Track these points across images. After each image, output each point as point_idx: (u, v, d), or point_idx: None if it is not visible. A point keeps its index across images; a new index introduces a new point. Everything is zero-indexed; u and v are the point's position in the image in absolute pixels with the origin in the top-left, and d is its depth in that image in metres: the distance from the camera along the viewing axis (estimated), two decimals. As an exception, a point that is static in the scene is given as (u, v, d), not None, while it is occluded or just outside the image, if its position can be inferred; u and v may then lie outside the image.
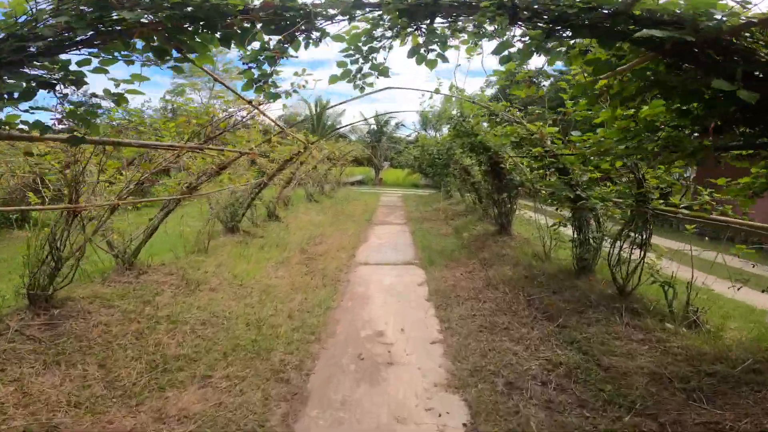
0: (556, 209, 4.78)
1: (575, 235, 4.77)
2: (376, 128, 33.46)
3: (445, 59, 2.21)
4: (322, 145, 9.84)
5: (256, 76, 2.10)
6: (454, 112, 6.61)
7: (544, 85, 4.59)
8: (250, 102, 3.31)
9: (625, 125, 2.42)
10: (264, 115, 3.60)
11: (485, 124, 5.96)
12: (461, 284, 5.64)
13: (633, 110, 2.44)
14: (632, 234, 3.82)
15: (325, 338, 4.27)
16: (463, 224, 9.51)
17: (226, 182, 6.80)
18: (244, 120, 3.66)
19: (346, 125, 28.76)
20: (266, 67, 2.07)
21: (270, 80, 2.11)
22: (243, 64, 2.06)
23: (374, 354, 3.96)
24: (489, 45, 4.72)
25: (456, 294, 5.31)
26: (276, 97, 2.26)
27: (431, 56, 2.21)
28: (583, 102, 3.35)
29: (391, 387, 3.40)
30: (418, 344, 4.14)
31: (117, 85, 2.40)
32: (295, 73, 4.00)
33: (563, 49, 2.21)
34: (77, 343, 3.71)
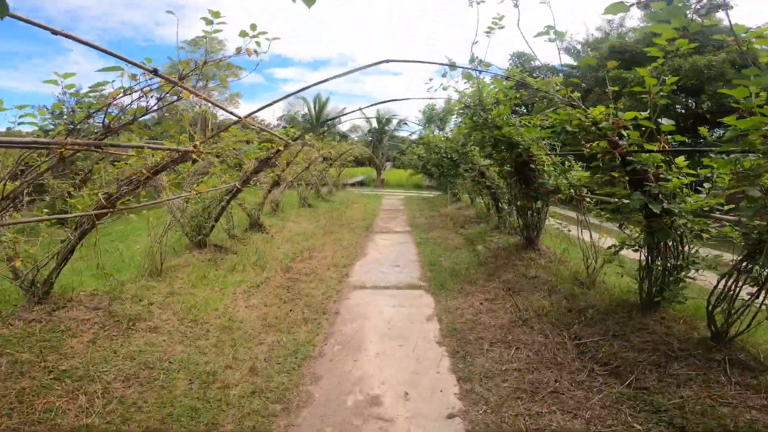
0: (620, 226, 3.52)
1: (646, 261, 3.51)
2: (377, 126, 32.27)
3: None
4: (314, 144, 8.64)
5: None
6: (468, 100, 5.35)
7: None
8: (154, 72, 2.10)
9: None
10: (190, 92, 2.40)
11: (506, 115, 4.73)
12: (482, 319, 4.39)
13: None
14: (757, 267, 2.57)
15: (296, 408, 3.06)
16: (476, 234, 8.25)
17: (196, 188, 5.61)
18: (162, 104, 2.46)
19: (337, 116, 27.46)
20: None
21: None
22: None
23: (365, 439, 2.74)
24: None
25: (477, 335, 4.07)
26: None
27: None
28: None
29: None
30: (428, 421, 2.93)
31: None
32: (242, 33, 2.80)
33: None
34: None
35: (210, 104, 3.00)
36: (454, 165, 9.26)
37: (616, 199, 3.26)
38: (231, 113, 3.20)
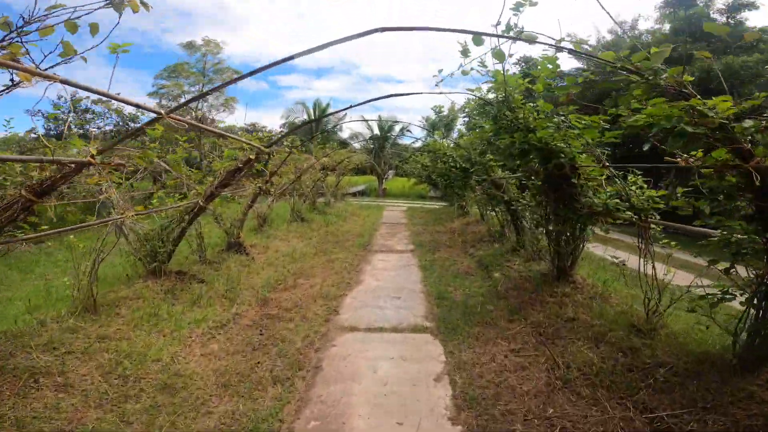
0: (727, 271, 2.55)
1: (756, 313, 2.55)
2: (379, 134, 31.53)
3: None
4: (297, 151, 7.74)
5: None
6: (491, 95, 4.44)
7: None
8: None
9: None
10: (29, 73, 1.48)
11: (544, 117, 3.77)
12: (509, 380, 3.41)
13: None
14: None
15: None
16: (491, 257, 7.28)
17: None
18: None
19: (327, 115, 26.53)
20: None
21: None
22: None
23: None
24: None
25: (504, 406, 3.09)
26: None
27: None
28: None
29: None
30: None
31: None
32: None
33: None
34: None
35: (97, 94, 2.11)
36: (464, 176, 8.34)
37: (724, 234, 2.32)
38: (137, 105, 2.32)
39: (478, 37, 2.44)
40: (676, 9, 21.15)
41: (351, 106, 4.23)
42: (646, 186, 3.40)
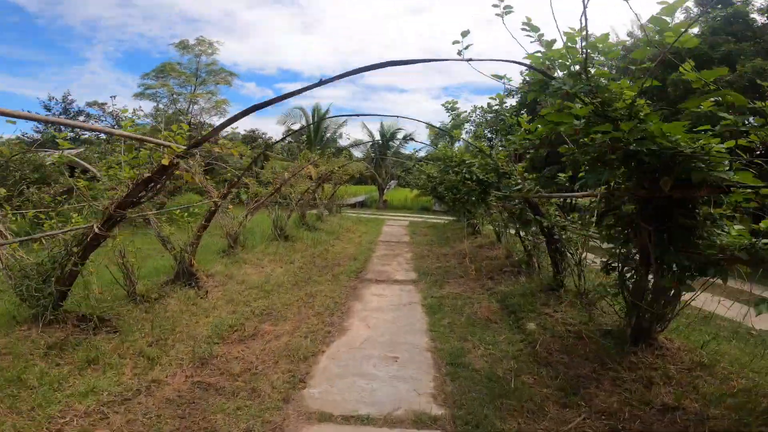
0: None
1: None
2: (381, 141, 30.44)
3: None
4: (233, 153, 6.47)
5: None
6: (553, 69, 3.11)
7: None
8: None
9: None
10: None
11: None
12: None
13: None
14: None
15: None
16: (517, 296, 5.87)
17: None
18: None
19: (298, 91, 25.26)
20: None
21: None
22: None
23: None
24: None
25: None
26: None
27: None
28: None
29: None
30: None
31: None
32: None
33: None
34: None
35: None
36: (482, 190, 7.00)
37: None
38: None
39: None
40: (710, 8, 20.16)
41: (322, 81, 2.97)
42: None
